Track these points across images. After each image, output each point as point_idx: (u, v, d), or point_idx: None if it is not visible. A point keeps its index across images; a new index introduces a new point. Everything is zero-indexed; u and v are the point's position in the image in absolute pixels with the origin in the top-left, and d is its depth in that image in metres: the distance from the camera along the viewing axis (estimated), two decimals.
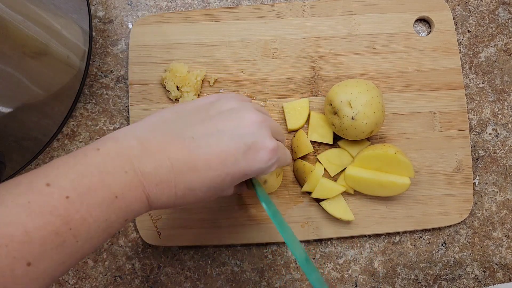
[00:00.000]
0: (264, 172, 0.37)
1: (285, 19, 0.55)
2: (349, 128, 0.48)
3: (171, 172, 0.34)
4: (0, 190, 0.28)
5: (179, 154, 0.34)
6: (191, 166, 0.34)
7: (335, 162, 0.52)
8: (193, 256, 0.53)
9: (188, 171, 0.34)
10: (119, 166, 0.32)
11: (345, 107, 0.47)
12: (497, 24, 0.57)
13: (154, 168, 0.33)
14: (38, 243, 0.27)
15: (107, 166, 0.31)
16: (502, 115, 0.55)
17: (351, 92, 0.48)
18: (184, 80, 0.52)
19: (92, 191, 0.30)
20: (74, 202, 0.29)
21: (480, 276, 0.53)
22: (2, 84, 0.43)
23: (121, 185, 0.31)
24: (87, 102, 0.56)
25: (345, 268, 0.53)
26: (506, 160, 0.55)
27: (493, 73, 0.56)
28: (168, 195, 0.34)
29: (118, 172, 0.32)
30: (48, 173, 0.30)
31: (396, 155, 0.48)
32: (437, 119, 0.54)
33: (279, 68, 0.54)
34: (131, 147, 0.33)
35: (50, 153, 0.55)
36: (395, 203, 0.52)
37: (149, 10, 0.57)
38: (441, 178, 0.53)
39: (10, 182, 0.29)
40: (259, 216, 0.52)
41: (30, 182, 0.29)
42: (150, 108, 0.54)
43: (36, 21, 0.44)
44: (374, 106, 0.47)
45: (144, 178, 0.33)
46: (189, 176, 0.34)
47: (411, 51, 0.54)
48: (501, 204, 0.54)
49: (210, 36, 0.54)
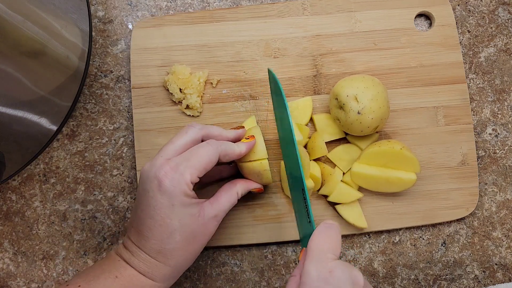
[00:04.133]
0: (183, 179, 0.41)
1: (285, 18, 0.55)
2: (354, 122, 0.48)
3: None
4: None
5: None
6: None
7: (345, 158, 0.52)
8: None
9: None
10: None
11: (351, 101, 0.47)
12: (497, 24, 0.57)
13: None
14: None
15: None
16: (502, 115, 0.56)
17: (357, 86, 0.48)
18: (187, 82, 0.52)
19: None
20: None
21: (480, 276, 0.53)
22: (2, 84, 0.43)
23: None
24: (87, 102, 0.55)
25: None
26: (506, 160, 0.55)
27: (493, 73, 0.56)
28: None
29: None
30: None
31: (402, 151, 0.48)
32: (440, 113, 0.54)
33: (281, 67, 0.54)
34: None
35: (50, 153, 0.55)
36: (401, 199, 0.52)
37: (148, 10, 0.57)
38: (446, 173, 0.53)
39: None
40: (265, 216, 0.52)
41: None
42: (153, 111, 0.54)
43: (35, 21, 0.44)
44: (380, 101, 0.47)
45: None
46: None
47: (413, 46, 0.54)
48: (501, 204, 0.54)
49: (211, 37, 0.54)
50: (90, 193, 0.54)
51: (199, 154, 0.42)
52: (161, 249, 0.41)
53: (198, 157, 0.42)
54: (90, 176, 0.54)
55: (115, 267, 0.42)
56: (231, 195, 0.45)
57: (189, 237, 0.42)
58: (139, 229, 0.42)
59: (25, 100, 0.46)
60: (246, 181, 0.47)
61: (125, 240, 0.44)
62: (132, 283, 0.41)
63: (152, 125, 0.53)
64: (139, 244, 0.42)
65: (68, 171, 0.54)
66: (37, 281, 0.53)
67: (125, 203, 0.54)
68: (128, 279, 0.41)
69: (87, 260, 0.53)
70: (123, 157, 0.55)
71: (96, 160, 0.55)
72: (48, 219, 0.54)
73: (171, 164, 0.41)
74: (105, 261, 0.43)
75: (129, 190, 0.54)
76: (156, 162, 0.42)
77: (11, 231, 0.54)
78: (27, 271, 0.53)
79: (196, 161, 0.41)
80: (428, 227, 0.54)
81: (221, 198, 0.44)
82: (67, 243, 0.54)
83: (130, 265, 0.42)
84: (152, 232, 0.41)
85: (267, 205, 0.52)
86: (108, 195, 0.54)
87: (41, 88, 0.48)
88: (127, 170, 0.54)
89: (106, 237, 0.54)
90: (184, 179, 0.40)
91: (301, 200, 0.42)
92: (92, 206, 0.54)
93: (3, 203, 0.54)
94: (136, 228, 0.42)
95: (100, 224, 0.54)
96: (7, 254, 0.54)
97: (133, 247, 0.42)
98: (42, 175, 0.54)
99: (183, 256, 0.42)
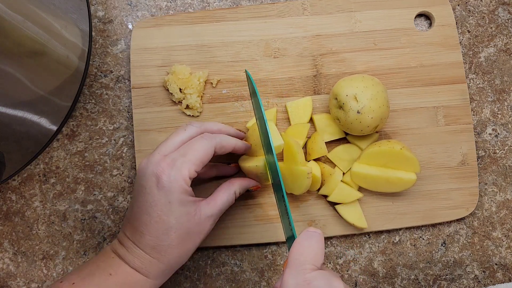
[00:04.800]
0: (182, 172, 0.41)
1: (285, 18, 0.55)
2: (354, 122, 0.48)
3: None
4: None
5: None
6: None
7: (345, 157, 0.52)
8: (192, 256, 0.53)
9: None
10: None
11: (351, 101, 0.47)
12: (497, 24, 0.57)
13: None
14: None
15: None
16: (502, 115, 0.56)
17: (357, 86, 0.48)
18: (187, 82, 0.52)
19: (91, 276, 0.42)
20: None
21: (480, 276, 0.53)
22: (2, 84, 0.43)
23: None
24: (86, 102, 0.55)
25: (345, 268, 0.53)
26: (506, 160, 0.55)
27: (493, 73, 0.56)
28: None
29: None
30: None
31: (402, 151, 0.48)
32: (440, 113, 0.54)
33: (281, 67, 0.54)
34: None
35: (50, 153, 0.55)
36: (401, 199, 0.52)
37: (148, 10, 0.57)
38: (446, 173, 0.53)
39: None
40: (265, 216, 0.52)
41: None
42: (153, 111, 0.54)
43: (35, 21, 0.44)
44: (379, 100, 0.47)
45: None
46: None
47: (413, 46, 0.55)
48: (501, 204, 0.54)
49: (211, 37, 0.54)
50: (90, 193, 0.54)
51: (195, 148, 0.42)
52: (156, 245, 0.41)
53: (194, 151, 0.42)
54: (90, 176, 0.54)
55: (109, 264, 0.42)
56: (229, 195, 0.45)
57: (184, 235, 0.42)
58: (135, 225, 0.42)
59: (25, 100, 0.46)
60: (244, 180, 0.48)
61: (120, 235, 0.44)
62: (126, 280, 0.41)
63: (152, 125, 0.53)
64: (134, 240, 0.42)
65: (68, 171, 0.54)
66: (37, 281, 0.53)
67: (125, 203, 0.54)
68: (122, 276, 0.41)
69: (87, 260, 0.53)
70: (123, 157, 0.55)
71: (96, 160, 0.55)
72: (48, 219, 0.54)
73: (167, 160, 0.41)
74: (100, 257, 0.43)
75: (129, 190, 0.54)
76: (153, 159, 0.42)
77: (11, 231, 0.54)
78: (27, 271, 0.53)
79: (192, 156, 0.41)
80: (428, 227, 0.54)
81: (218, 198, 0.44)
82: (67, 243, 0.54)
83: (124, 262, 0.42)
84: (147, 228, 0.41)
85: (267, 205, 0.52)
86: (108, 195, 0.54)
87: (41, 88, 0.48)
88: (127, 170, 0.55)
89: (106, 237, 0.54)
90: (182, 175, 0.40)
91: (284, 207, 0.41)
92: (92, 206, 0.54)
93: (3, 203, 0.54)
94: (132, 224, 0.42)
95: (100, 224, 0.54)
96: (7, 254, 0.54)
97: (128, 242, 0.42)
98: (42, 175, 0.54)
99: (177, 254, 0.42)
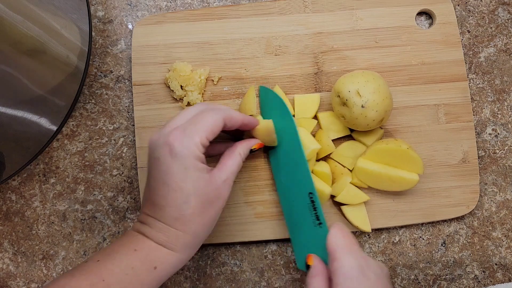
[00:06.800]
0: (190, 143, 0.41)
1: (286, 16, 0.55)
2: (359, 117, 0.48)
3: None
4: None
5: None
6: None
7: (349, 155, 0.52)
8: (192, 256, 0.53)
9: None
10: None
11: (354, 96, 0.47)
12: (496, 24, 0.57)
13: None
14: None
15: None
16: (502, 115, 0.56)
17: (358, 81, 0.48)
18: (188, 79, 0.52)
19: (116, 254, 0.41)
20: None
21: (480, 276, 0.54)
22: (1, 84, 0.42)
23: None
24: (86, 102, 0.55)
25: None
26: (506, 160, 0.55)
27: (492, 73, 0.56)
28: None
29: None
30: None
31: (409, 150, 0.48)
32: (441, 111, 0.54)
33: (282, 64, 0.54)
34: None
35: (50, 153, 0.55)
36: (402, 197, 0.53)
37: (148, 10, 0.57)
38: (447, 170, 0.53)
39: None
40: (266, 213, 0.52)
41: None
42: (154, 108, 0.54)
43: (35, 21, 0.44)
44: (382, 93, 0.47)
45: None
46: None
47: (414, 44, 0.55)
48: (501, 204, 0.54)
49: (212, 34, 0.54)
50: (90, 193, 0.54)
51: (205, 118, 0.42)
52: (179, 215, 0.40)
53: (205, 121, 0.42)
54: (90, 176, 0.54)
55: (133, 242, 0.41)
56: (235, 157, 0.45)
57: (204, 202, 0.41)
58: (154, 199, 0.41)
59: (25, 100, 0.46)
60: (245, 140, 0.48)
61: (140, 215, 0.43)
62: (151, 254, 0.41)
63: (153, 122, 0.53)
64: (155, 215, 0.41)
65: (68, 171, 0.54)
66: (37, 281, 0.53)
67: (125, 203, 0.54)
68: (147, 251, 0.41)
69: (87, 259, 0.53)
70: (123, 157, 0.55)
71: (96, 160, 0.54)
72: (48, 219, 0.54)
73: (179, 129, 0.41)
74: (123, 237, 0.43)
75: (129, 190, 0.54)
76: (164, 131, 0.42)
77: (11, 231, 0.54)
78: (27, 271, 0.53)
79: (203, 125, 0.42)
80: (428, 227, 0.54)
81: (227, 162, 0.44)
82: (67, 243, 0.54)
83: (149, 238, 0.41)
84: (167, 200, 0.40)
85: (268, 202, 0.52)
86: (108, 195, 0.54)
87: (41, 88, 0.48)
88: (127, 170, 0.54)
89: (106, 237, 0.54)
90: (194, 141, 0.40)
91: (306, 211, 0.44)
92: (92, 206, 0.54)
93: (3, 203, 0.54)
94: (150, 200, 0.42)
95: (100, 224, 0.54)
96: (7, 254, 0.54)
97: (150, 219, 0.42)
98: (42, 175, 0.54)
99: (201, 223, 0.42)
